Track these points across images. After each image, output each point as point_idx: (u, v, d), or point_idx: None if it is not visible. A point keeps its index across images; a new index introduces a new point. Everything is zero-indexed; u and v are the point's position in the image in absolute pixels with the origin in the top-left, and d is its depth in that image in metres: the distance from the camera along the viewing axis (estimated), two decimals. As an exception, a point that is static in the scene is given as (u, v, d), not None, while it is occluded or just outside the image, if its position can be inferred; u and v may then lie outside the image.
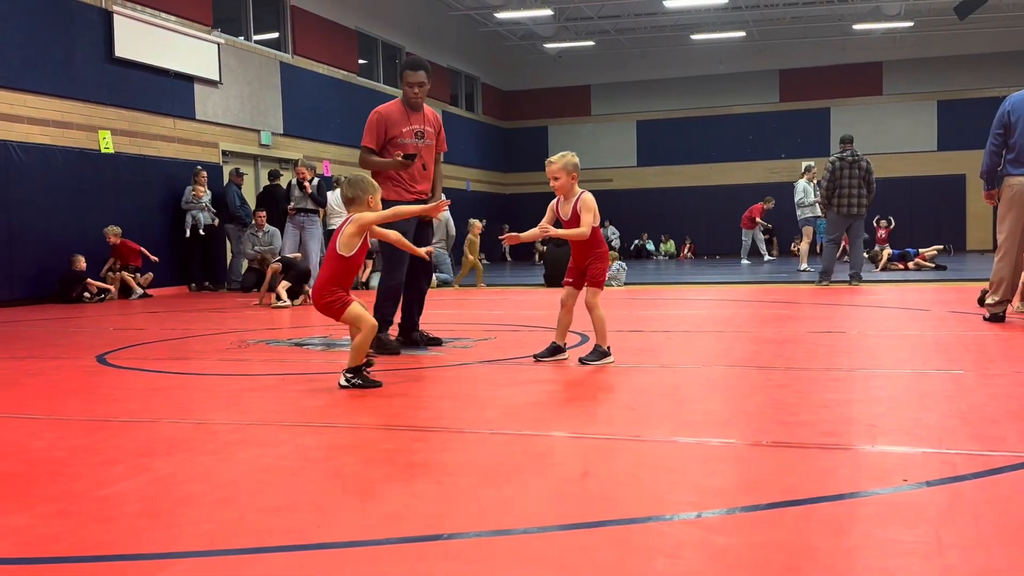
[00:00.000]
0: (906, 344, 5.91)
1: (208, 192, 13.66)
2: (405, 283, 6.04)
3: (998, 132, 6.65)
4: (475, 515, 2.39)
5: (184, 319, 9.14)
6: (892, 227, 21.27)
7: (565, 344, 5.25)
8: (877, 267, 15.53)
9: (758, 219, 20.12)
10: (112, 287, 12.29)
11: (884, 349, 5.67)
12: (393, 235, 4.88)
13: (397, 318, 6.13)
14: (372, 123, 5.99)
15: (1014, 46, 24.43)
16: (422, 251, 5.05)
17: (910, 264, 15.35)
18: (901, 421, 3.43)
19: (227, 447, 3.26)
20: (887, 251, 16.17)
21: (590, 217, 5.06)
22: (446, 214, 15.05)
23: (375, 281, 13.49)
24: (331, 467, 2.92)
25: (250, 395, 4.42)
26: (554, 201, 5.26)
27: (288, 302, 10.41)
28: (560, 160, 5.15)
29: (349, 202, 4.57)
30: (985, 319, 6.83)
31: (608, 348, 5.07)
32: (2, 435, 3.55)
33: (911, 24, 24.37)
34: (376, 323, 4.58)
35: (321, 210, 11.97)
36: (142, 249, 12.73)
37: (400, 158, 5.91)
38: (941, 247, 16.44)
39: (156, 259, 12.88)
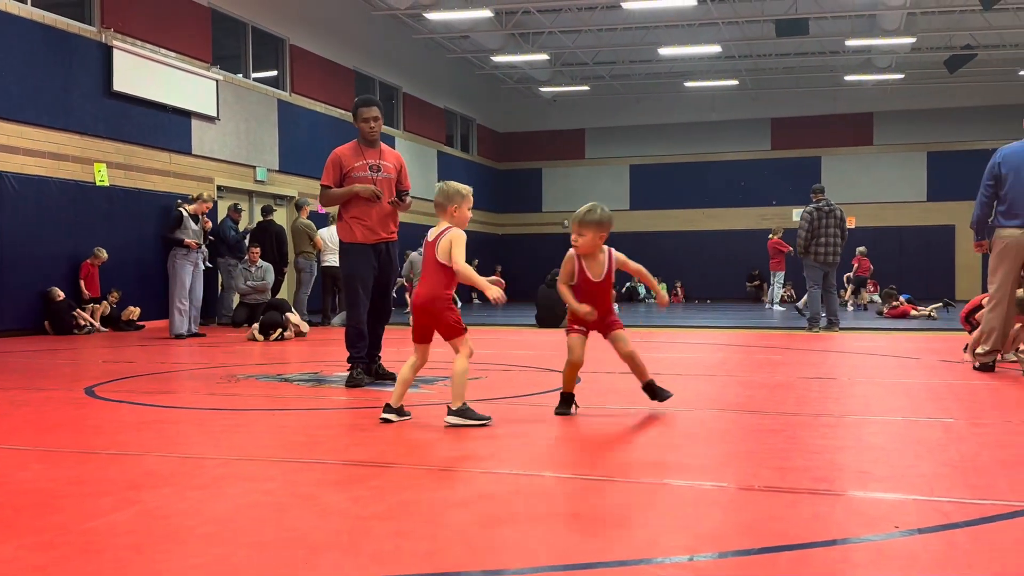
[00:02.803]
0: (896, 391, 5.91)
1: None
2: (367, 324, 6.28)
3: (989, 184, 6.73)
4: (466, 555, 2.37)
5: (174, 353, 9.10)
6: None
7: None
8: (883, 313, 15.71)
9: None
10: (95, 321, 12.19)
11: (875, 396, 5.68)
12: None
13: None
14: (329, 162, 6.23)
15: (1003, 100, 24.76)
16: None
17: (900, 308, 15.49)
18: (892, 468, 3.43)
19: (216, 482, 3.23)
20: (896, 300, 16.11)
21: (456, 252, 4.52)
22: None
23: (337, 319, 13.54)
24: (320, 504, 2.89)
25: (239, 430, 4.39)
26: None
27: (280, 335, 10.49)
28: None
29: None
30: (975, 368, 6.85)
31: (465, 404, 4.43)
32: (-12, 465, 3.52)
33: (902, 76, 24.71)
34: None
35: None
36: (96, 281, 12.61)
37: (374, 191, 6.07)
38: (940, 305, 16.41)
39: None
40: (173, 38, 14.33)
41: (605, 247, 4.78)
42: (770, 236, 20.05)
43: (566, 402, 4.83)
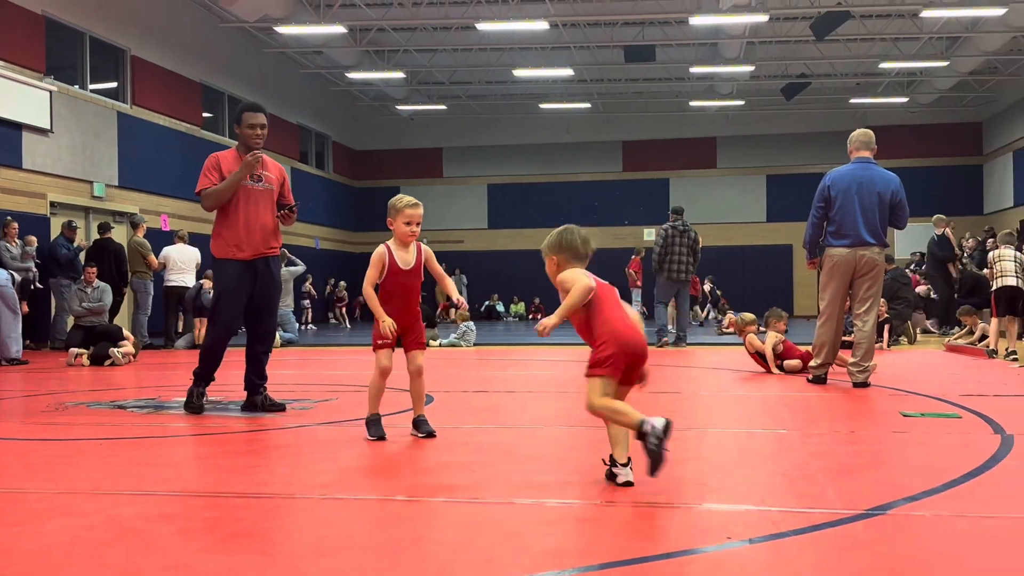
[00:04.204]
0: (736, 404, 6.13)
1: (20, 244, 12.71)
2: (245, 347, 5.87)
3: (819, 205, 7.07)
4: (298, 586, 2.28)
5: (-2, 380, 8.49)
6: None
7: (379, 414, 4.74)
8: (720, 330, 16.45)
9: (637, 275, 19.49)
10: None
11: (716, 409, 5.87)
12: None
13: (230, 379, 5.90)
14: (208, 165, 5.72)
15: (835, 126, 26.32)
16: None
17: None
18: (728, 479, 3.54)
19: (32, 518, 3.00)
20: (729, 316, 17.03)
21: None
22: (296, 268, 14.81)
23: (181, 342, 13.04)
24: (144, 538, 2.72)
25: (64, 461, 4.11)
26: None
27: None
28: None
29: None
30: (809, 381, 7.19)
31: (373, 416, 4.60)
32: None
33: (742, 103, 25.98)
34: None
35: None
36: None
37: (248, 158, 5.59)
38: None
39: None
40: (2, 46, 13.47)
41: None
42: (633, 255, 20.44)
43: None
